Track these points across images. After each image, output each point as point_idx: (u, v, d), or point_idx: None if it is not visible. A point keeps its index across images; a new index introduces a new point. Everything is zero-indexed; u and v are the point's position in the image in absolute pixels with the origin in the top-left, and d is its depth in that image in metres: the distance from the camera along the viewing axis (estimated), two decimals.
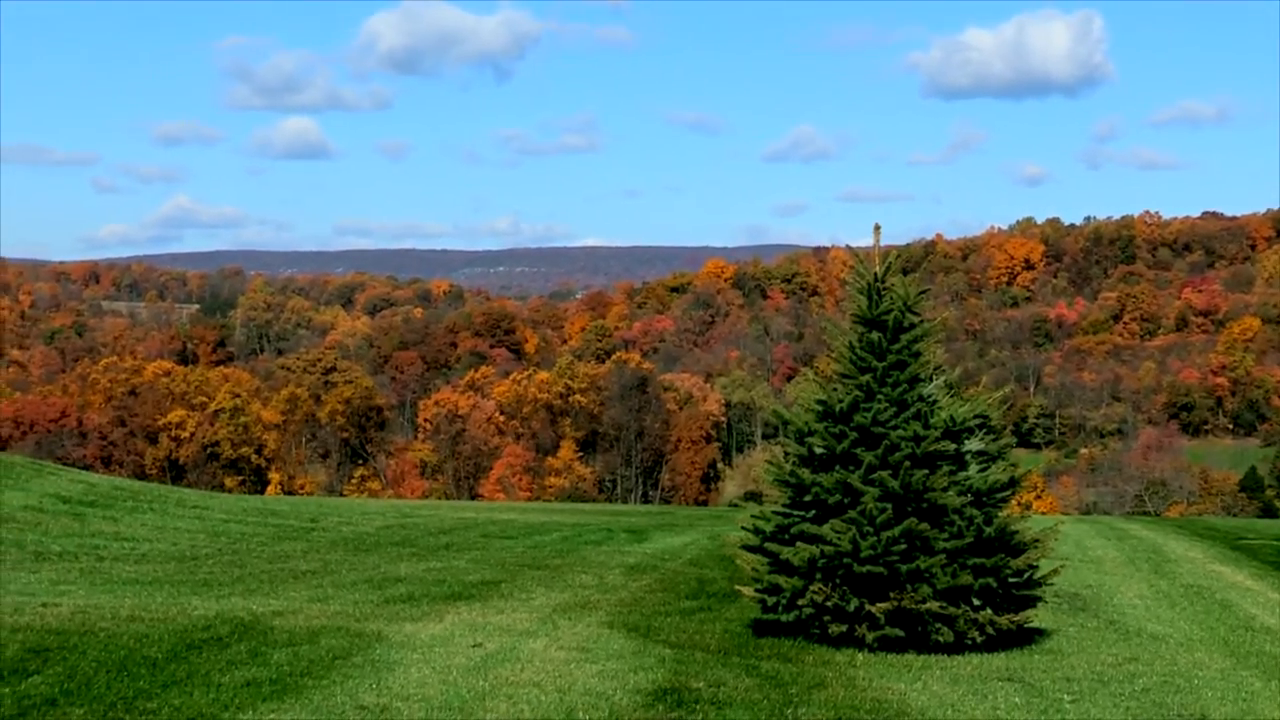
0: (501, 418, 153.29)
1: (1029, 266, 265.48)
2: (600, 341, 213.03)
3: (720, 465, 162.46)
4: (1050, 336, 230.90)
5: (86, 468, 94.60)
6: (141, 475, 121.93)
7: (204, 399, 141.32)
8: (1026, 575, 16.77)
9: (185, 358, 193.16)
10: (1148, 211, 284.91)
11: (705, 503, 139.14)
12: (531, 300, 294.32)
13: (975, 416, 17.00)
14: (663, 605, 19.93)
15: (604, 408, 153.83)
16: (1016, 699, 13.54)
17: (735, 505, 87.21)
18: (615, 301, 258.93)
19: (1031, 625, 17.52)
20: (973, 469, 16.84)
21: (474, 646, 15.28)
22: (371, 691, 12.62)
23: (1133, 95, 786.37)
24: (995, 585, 16.27)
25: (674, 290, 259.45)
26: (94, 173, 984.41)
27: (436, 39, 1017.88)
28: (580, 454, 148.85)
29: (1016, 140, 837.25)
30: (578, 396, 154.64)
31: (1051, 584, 17.63)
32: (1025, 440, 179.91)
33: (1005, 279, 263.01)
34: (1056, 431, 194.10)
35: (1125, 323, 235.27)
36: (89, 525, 30.68)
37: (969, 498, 16.41)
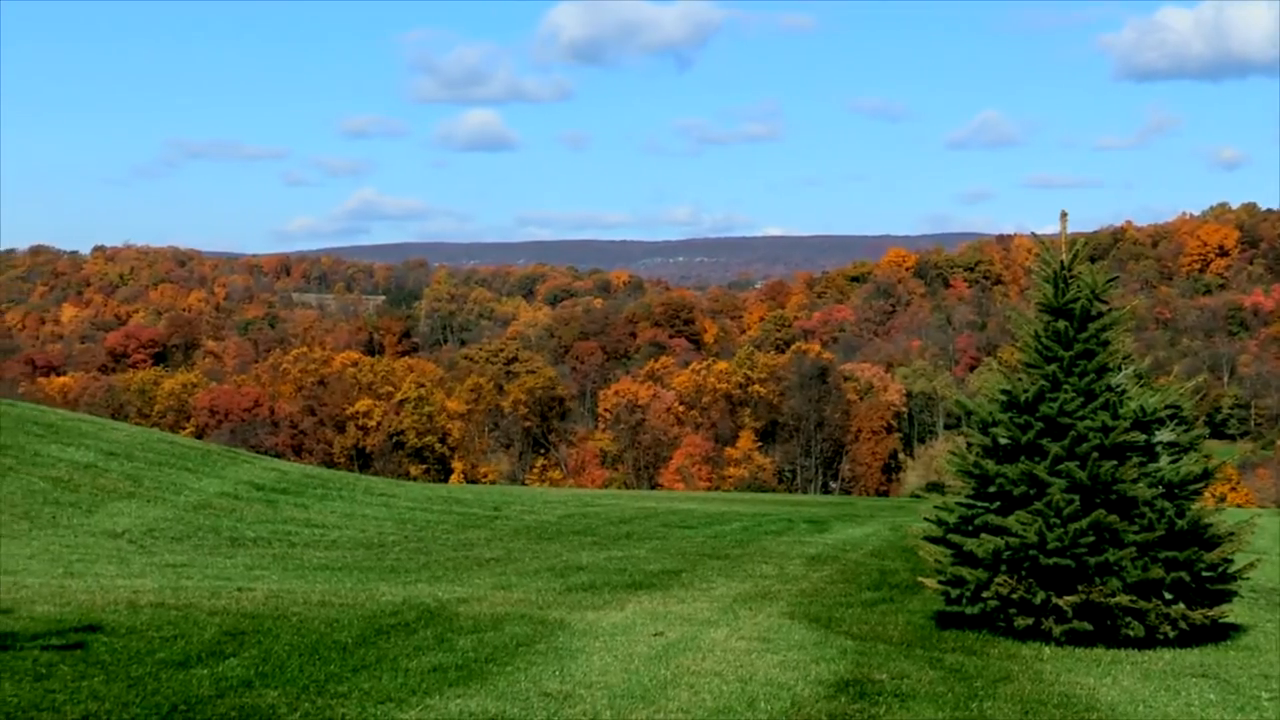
0: (681, 408, 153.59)
1: (1223, 253, 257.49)
2: (779, 331, 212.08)
3: (901, 456, 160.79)
4: (1245, 325, 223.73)
5: (278, 456, 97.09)
6: (330, 463, 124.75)
7: (390, 389, 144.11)
8: (1221, 569, 16.34)
9: (372, 348, 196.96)
10: None
11: (886, 493, 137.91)
12: (711, 290, 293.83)
13: (1166, 407, 16.61)
14: (844, 596, 19.82)
15: (783, 398, 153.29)
16: (1211, 695, 13.17)
17: (917, 496, 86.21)
18: (795, 291, 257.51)
19: (1226, 620, 17.06)
20: (1164, 460, 16.45)
21: (655, 635, 15.33)
22: (555, 678, 12.73)
23: None
24: (1188, 579, 15.88)
25: (854, 279, 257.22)
26: (284, 167, 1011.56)
27: (618, 29, 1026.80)
28: (759, 444, 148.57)
29: (1213, 123, 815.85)
30: (757, 386, 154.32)
31: (1247, 578, 17.14)
32: (1219, 431, 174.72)
33: (1198, 266, 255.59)
34: (1252, 422, 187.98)
35: None
36: (281, 512, 31.52)
37: (1160, 490, 16.04)
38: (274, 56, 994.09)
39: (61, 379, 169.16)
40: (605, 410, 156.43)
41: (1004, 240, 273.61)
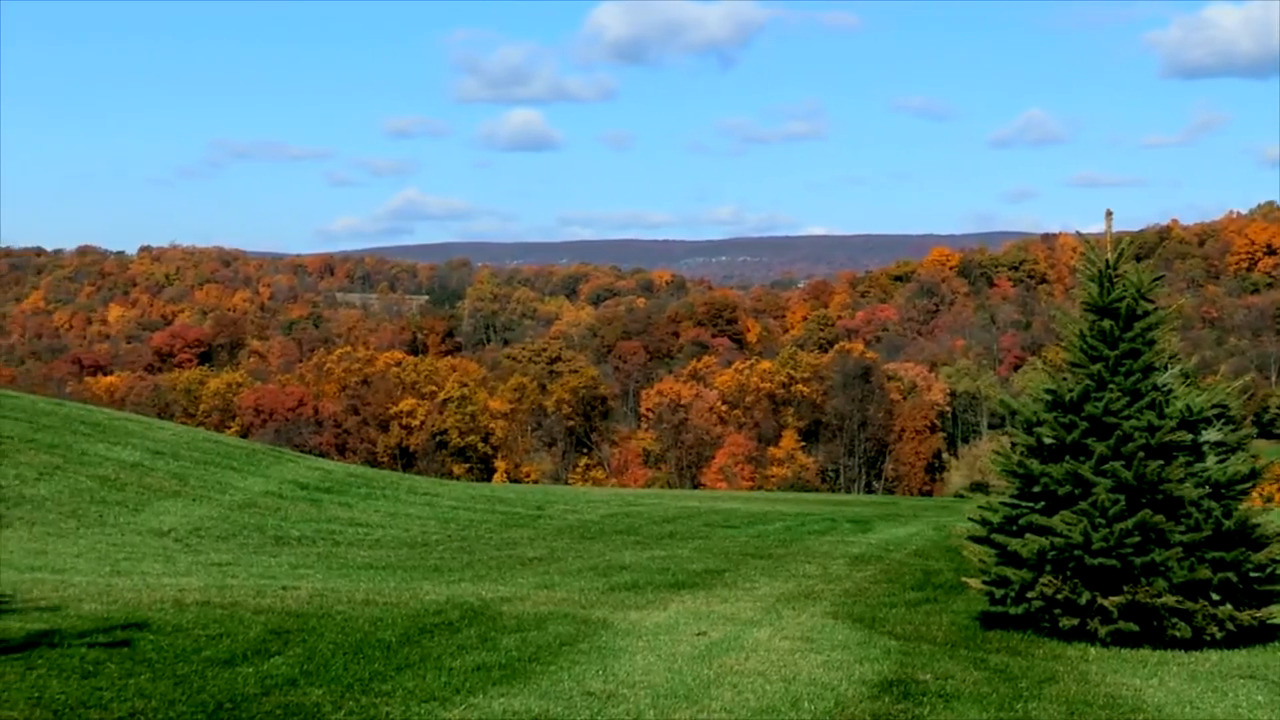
0: (724, 407, 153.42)
1: (1271, 252, 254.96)
2: (823, 331, 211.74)
3: (945, 455, 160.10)
4: None
5: (322, 455, 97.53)
6: (373, 462, 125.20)
7: (433, 388, 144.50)
8: (1269, 570, 16.19)
9: (415, 348, 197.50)
10: None
11: (930, 493, 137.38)
12: (754, 289, 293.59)
13: (1213, 406, 16.49)
14: (887, 596, 19.76)
15: (826, 397, 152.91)
16: (1259, 697, 13.06)
17: (961, 496, 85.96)
18: (838, 290, 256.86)
19: (1274, 621, 16.90)
20: (1210, 460, 16.33)
21: (698, 635, 15.32)
22: (598, 678, 12.74)
23: None
24: (1235, 580, 15.75)
25: (897, 279, 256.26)
26: (328, 167, 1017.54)
27: (661, 28, 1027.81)
28: (802, 444, 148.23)
29: (1261, 120, 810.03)
30: (800, 386, 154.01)
31: None
32: (1267, 431, 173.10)
33: (1245, 265, 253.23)
34: None
35: None
36: (325, 511, 31.66)
37: (1207, 489, 15.92)
38: (318, 57, 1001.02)
39: (108, 378, 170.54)
40: (648, 410, 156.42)
41: (1049, 239, 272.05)
